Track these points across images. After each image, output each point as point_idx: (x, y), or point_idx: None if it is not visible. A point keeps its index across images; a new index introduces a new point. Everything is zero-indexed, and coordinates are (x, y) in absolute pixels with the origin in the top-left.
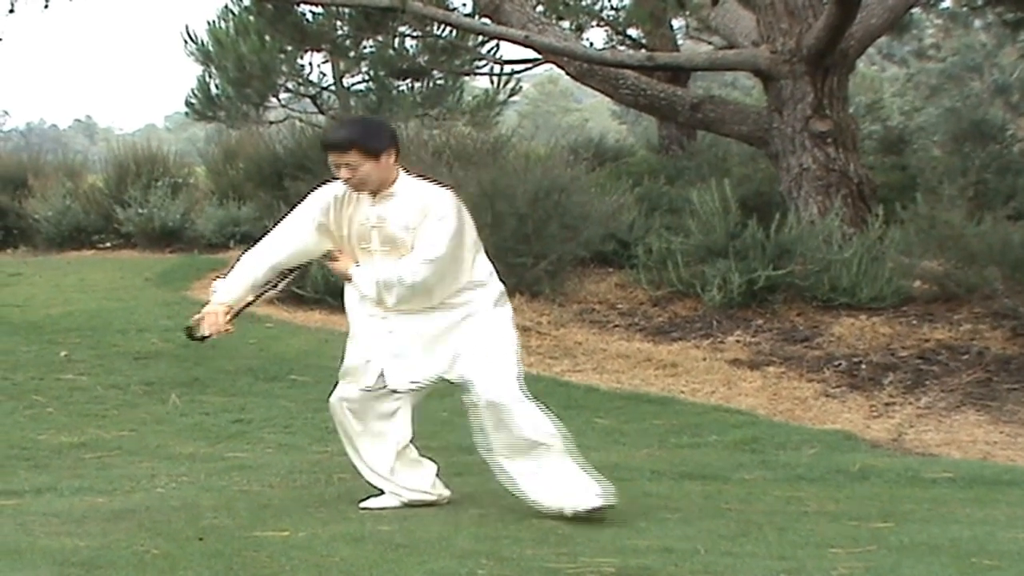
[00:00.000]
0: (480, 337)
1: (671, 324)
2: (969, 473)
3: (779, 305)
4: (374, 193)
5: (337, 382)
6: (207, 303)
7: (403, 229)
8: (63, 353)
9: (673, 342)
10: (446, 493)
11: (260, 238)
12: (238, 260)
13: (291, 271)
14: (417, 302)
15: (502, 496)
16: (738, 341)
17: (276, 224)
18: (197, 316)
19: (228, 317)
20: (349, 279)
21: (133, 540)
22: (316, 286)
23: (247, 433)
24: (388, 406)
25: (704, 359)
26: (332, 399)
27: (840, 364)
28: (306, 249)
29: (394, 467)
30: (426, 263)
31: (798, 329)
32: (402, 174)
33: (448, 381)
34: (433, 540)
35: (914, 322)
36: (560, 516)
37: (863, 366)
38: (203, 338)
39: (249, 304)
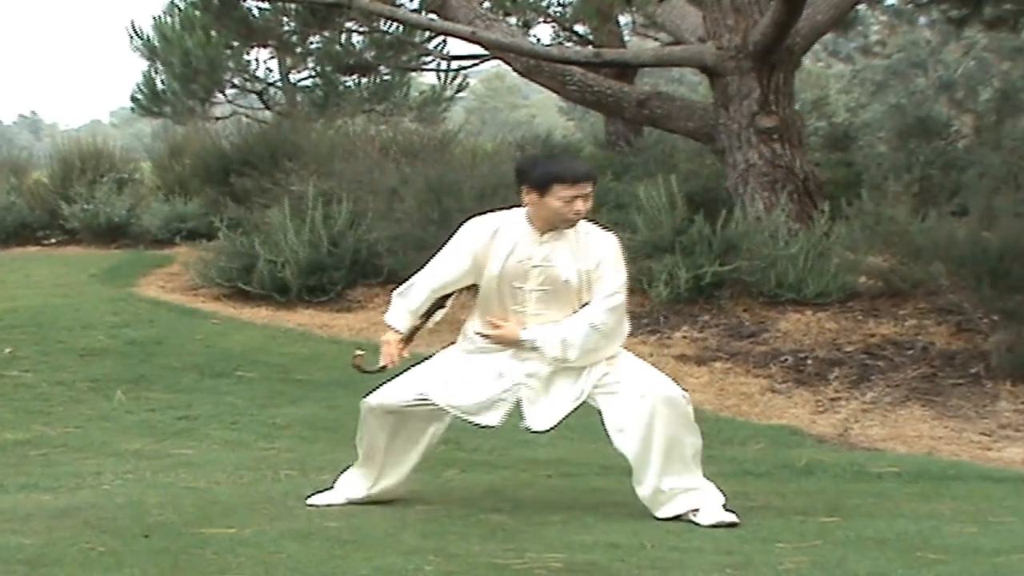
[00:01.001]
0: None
1: None
2: (914, 468)
3: (726, 301)
4: (542, 231)
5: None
6: (150, 300)
7: (574, 272)
8: (8, 350)
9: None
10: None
11: (206, 234)
12: (397, 292)
13: (447, 296)
14: (592, 357)
15: (449, 492)
16: (685, 337)
17: (223, 220)
18: (359, 352)
19: (402, 346)
20: (517, 344)
21: (79, 537)
22: (262, 282)
23: (193, 430)
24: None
25: (651, 355)
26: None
27: (786, 360)
28: (459, 279)
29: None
30: (611, 311)
31: (744, 325)
32: None
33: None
34: (380, 536)
35: (860, 317)
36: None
37: (809, 361)
38: (380, 370)
39: (417, 329)
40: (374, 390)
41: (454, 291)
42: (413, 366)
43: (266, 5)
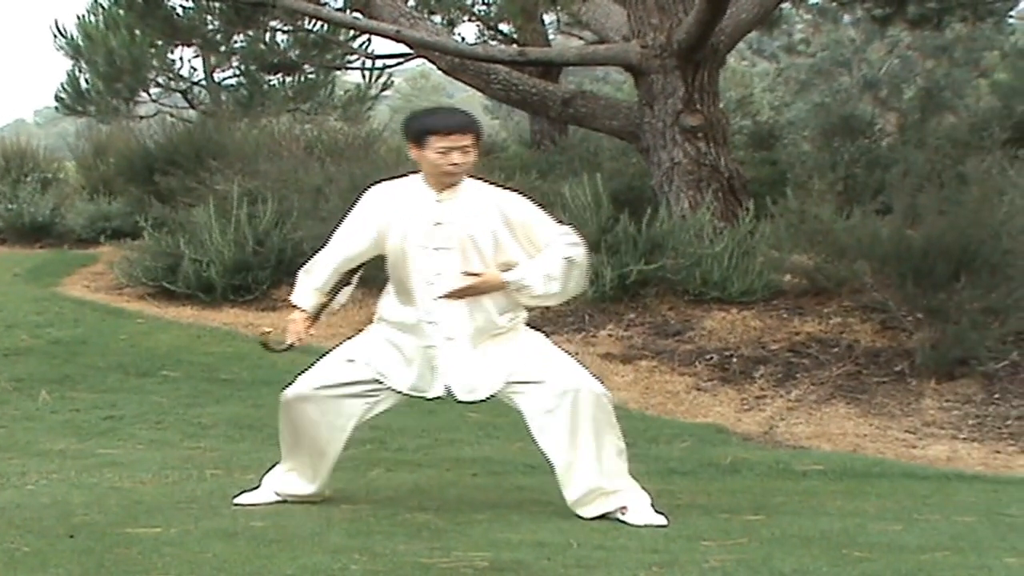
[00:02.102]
0: (537, 348)
1: (543, 318)
2: (839, 465)
3: (651, 299)
4: (438, 190)
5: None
6: (75, 299)
7: (478, 228)
8: None
9: (546, 336)
10: (326, 492)
11: (131, 233)
12: (301, 270)
13: (353, 271)
14: (570, 292)
15: (374, 491)
16: (610, 335)
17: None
18: (266, 330)
19: (308, 324)
20: (502, 286)
21: (3, 537)
22: (188, 281)
23: (118, 429)
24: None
25: (576, 353)
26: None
27: (711, 358)
28: (363, 252)
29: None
30: (576, 244)
31: (670, 323)
32: None
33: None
34: (306, 536)
35: (784, 316)
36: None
37: (734, 360)
38: (287, 348)
39: (324, 307)
40: (289, 384)
41: (360, 265)
42: (323, 356)
43: (190, 4)
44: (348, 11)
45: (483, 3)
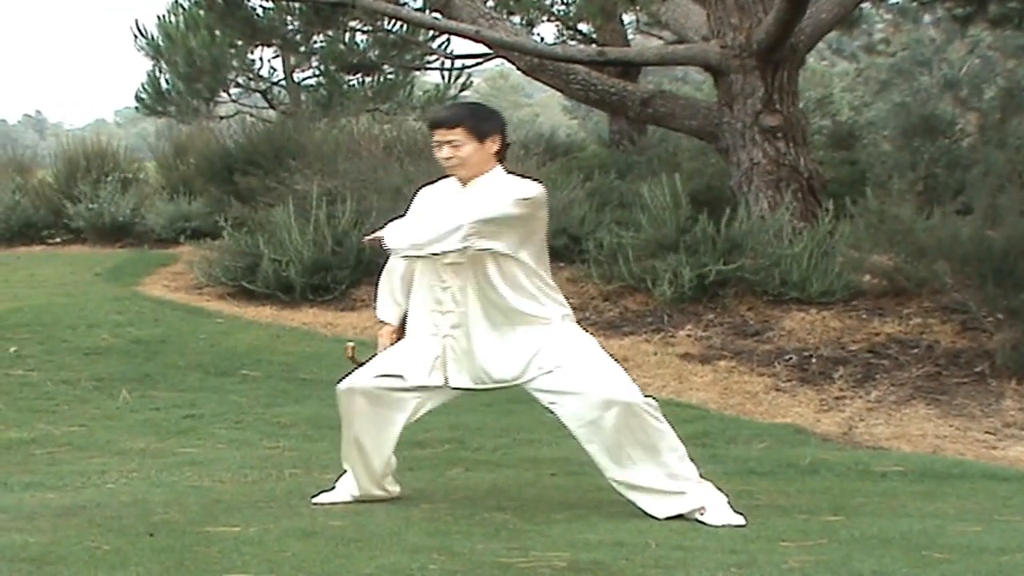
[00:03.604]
0: (573, 347)
1: (622, 319)
2: (919, 466)
3: (729, 299)
4: (464, 182)
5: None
6: (155, 299)
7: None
8: (12, 349)
9: (624, 336)
10: (396, 489)
11: (210, 233)
12: (382, 279)
13: None
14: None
15: (453, 491)
16: (689, 335)
17: (228, 219)
18: (351, 343)
19: (395, 336)
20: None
21: (83, 536)
22: (267, 281)
23: (197, 428)
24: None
25: (655, 353)
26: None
27: (790, 358)
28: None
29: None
30: (520, 201)
31: (748, 323)
32: (499, 169)
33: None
34: (384, 535)
35: (864, 316)
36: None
37: (813, 360)
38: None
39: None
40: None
41: None
42: None
43: (270, 4)
44: (427, 11)
45: (562, 3)
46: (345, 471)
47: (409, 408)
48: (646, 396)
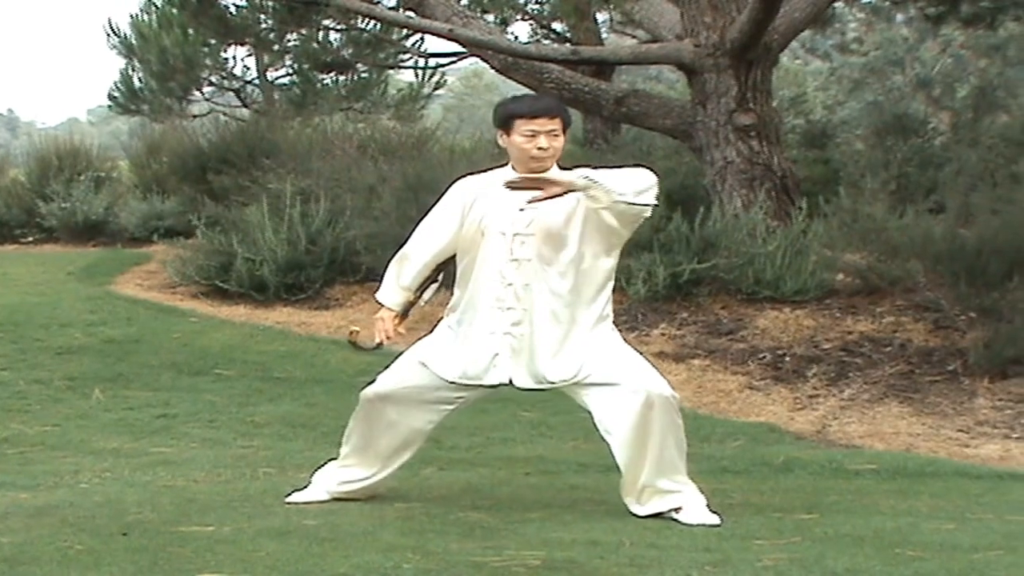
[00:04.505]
0: (615, 345)
1: None
2: (892, 465)
3: (704, 298)
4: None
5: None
6: (128, 298)
7: (561, 214)
8: None
9: None
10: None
11: (184, 232)
12: (386, 266)
13: (440, 268)
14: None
15: (427, 490)
16: (663, 334)
17: (201, 218)
18: (355, 328)
19: (397, 322)
20: (569, 185)
21: (57, 536)
22: (241, 280)
23: (171, 428)
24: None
25: None
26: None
27: (764, 357)
28: (450, 245)
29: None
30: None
31: (722, 322)
32: (555, 165)
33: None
34: (358, 534)
35: (837, 315)
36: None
37: (787, 359)
38: (376, 347)
39: (412, 304)
40: (370, 383)
41: (447, 260)
42: (401, 353)
43: (243, 3)
44: (401, 10)
45: (536, 2)
46: (319, 468)
47: (436, 417)
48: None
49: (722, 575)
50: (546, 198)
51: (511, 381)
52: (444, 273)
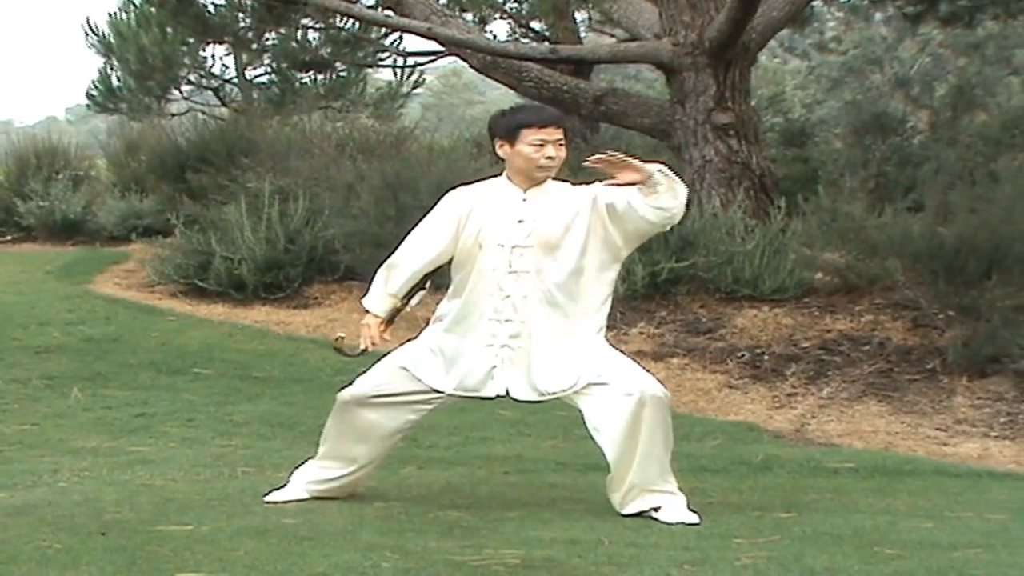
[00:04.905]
0: (604, 349)
1: None
2: (871, 463)
3: (682, 297)
4: (524, 188)
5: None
6: (107, 297)
7: (560, 226)
8: None
9: None
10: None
11: (162, 231)
12: (375, 273)
13: (429, 275)
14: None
15: (406, 489)
16: (642, 333)
17: (180, 217)
18: (340, 335)
19: (382, 328)
20: (649, 175)
21: (35, 535)
22: (219, 279)
23: (150, 427)
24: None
25: None
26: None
27: (743, 355)
28: (442, 255)
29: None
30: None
31: (701, 321)
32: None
33: (574, 396)
34: (337, 533)
35: (816, 313)
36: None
37: (766, 357)
38: (361, 353)
39: (398, 312)
40: (346, 386)
41: (436, 268)
42: (383, 356)
43: (222, 1)
44: (380, 9)
45: (515, 1)
46: (299, 465)
47: (414, 418)
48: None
49: (701, 574)
50: (618, 184)
51: (508, 393)
52: (430, 282)
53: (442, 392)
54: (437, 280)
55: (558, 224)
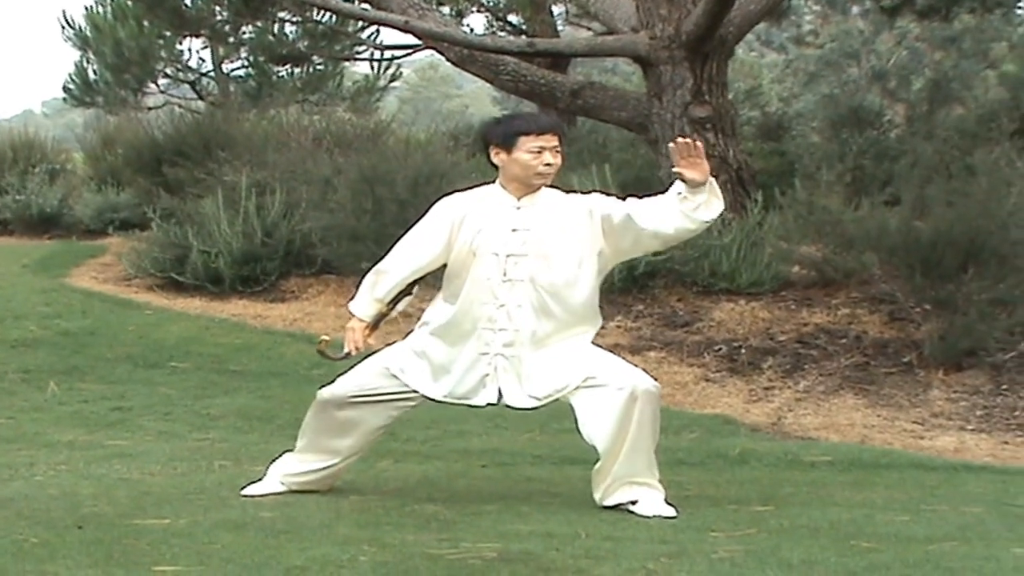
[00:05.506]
0: (591, 348)
1: None
2: (847, 456)
3: (659, 290)
4: (519, 196)
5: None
6: (83, 290)
7: (555, 232)
8: None
9: None
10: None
11: (139, 224)
12: (362, 279)
13: (416, 282)
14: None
15: (383, 483)
16: (619, 326)
17: (156, 210)
18: (324, 338)
19: (367, 332)
20: (706, 180)
21: (11, 529)
22: (196, 273)
23: (126, 421)
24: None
25: None
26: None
27: (720, 349)
28: (432, 262)
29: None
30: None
31: (678, 314)
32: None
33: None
34: (314, 526)
35: (793, 307)
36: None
37: (743, 351)
38: (344, 356)
39: (384, 316)
40: (329, 383)
41: (424, 275)
42: (366, 357)
43: None
44: (356, 2)
45: None
46: (276, 459)
47: (393, 416)
48: None
49: (678, 567)
50: (684, 177)
51: (500, 400)
52: (417, 288)
53: (433, 399)
54: (423, 282)
55: (553, 233)
